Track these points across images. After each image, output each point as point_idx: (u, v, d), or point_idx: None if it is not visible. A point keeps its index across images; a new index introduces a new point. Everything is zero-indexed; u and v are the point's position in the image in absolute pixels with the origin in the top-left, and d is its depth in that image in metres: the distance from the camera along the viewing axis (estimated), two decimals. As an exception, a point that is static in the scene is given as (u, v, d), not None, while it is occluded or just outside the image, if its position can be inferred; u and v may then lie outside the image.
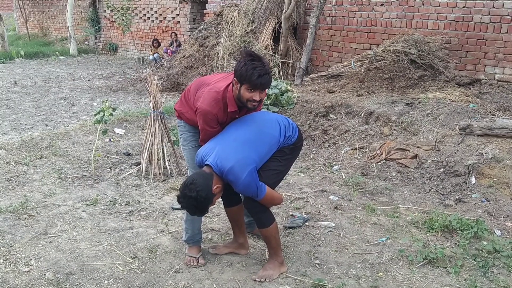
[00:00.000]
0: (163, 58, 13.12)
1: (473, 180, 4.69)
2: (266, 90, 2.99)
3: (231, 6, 10.81)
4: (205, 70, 9.80)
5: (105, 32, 17.60)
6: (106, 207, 4.32)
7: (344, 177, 5.07)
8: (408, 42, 7.70)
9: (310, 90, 7.79)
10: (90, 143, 6.12)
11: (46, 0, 20.77)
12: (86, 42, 18.43)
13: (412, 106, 6.13)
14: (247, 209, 3.13)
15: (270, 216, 3.11)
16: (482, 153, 4.89)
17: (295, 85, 8.25)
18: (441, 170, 4.92)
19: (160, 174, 5.03)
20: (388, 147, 5.39)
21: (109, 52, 17.22)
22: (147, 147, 5.11)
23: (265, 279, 3.09)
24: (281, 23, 9.55)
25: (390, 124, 5.92)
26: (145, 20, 15.78)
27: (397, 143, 5.41)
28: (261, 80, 2.81)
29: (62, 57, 15.86)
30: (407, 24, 8.37)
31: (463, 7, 7.64)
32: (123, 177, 5.05)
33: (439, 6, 7.91)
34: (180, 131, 3.41)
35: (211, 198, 2.81)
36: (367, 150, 5.63)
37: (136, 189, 4.76)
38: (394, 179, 4.98)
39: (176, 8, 14.46)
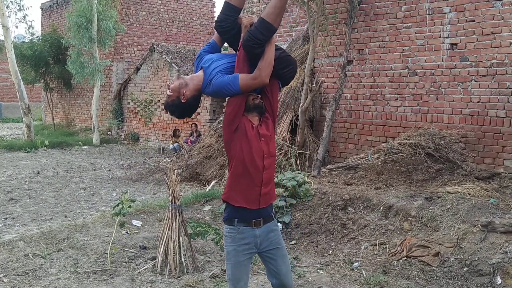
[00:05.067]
0: (182, 148, 13.41)
1: (498, 280, 4.51)
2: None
3: (249, 100, 11.17)
4: (224, 160, 9.96)
5: (128, 122, 18.23)
6: (120, 305, 4.23)
7: (365, 275, 4.93)
8: (424, 136, 7.79)
9: (328, 182, 7.80)
10: (108, 236, 6.12)
11: (73, 93, 21.83)
12: (109, 132, 19.04)
13: (431, 200, 6.07)
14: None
15: None
16: (506, 252, 4.75)
17: (312, 176, 8.29)
18: (465, 269, 4.76)
19: (175, 269, 4.95)
20: (409, 243, 5.27)
21: (131, 142, 17.71)
22: (164, 241, 5.08)
23: None
24: (298, 116, 9.79)
25: (410, 219, 5.83)
26: (167, 112, 16.34)
27: (418, 239, 5.29)
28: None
29: (84, 147, 16.34)
30: (422, 118, 8.52)
31: (478, 102, 7.80)
32: (138, 272, 4.99)
33: (453, 101, 8.08)
34: (225, 242, 3.20)
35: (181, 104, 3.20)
36: (387, 246, 5.50)
37: (150, 286, 4.68)
38: (416, 278, 4.81)
39: (196, 100, 14.99)
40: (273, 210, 3.35)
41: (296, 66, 3.32)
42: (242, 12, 3.22)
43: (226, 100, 3.17)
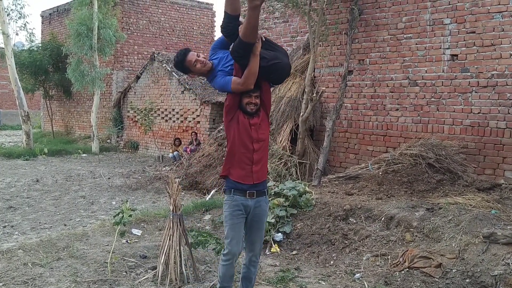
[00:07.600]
0: (182, 156, 13.39)
1: (502, 292, 4.48)
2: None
3: (250, 109, 11.20)
4: (223, 170, 9.93)
5: (127, 131, 18.22)
6: (120, 315, 4.19)
7: (367, 286, 4.90)
8: (425, 146, 7.79)
9: (329, 192, 7.78)
10: (108, 245, 6.08)
11: (73, 101, 21.83)
12: (108, 140, 19.02)
13: (433, 211, 6.06)
14: None
15: None
16: (509, 263, 4.73)
17: (312, 186, 8.28)
18: (467, 280, 4.73)
19: (176, 279, 4.92)
20: (411, 254, 5.25)
21: (130, 150, 17.69)
22: (164, 251, 5.05)
23: None
24: (298, 125, 9.80)
25: (412, 230, 5.81)
26: (166, 120, 16.37)
27: (420, 251, 5.27)
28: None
29: (84, 155, 16.31)
30: (423, 129, 8.53)
31: (478, 112, 7.81)
32: (139, 282, 4.95)
33: (454, 111, 8.10)
34: (224, 208, 3.89)
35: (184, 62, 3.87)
36: (389, 257, 5.48)
37: (152, 296, 4.64)
38: (418, 290, 4.78)
39: (197, 109, 15.05)
40: (267, 187, 4.04)
41: (286, 68, 3.91)
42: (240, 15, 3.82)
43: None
